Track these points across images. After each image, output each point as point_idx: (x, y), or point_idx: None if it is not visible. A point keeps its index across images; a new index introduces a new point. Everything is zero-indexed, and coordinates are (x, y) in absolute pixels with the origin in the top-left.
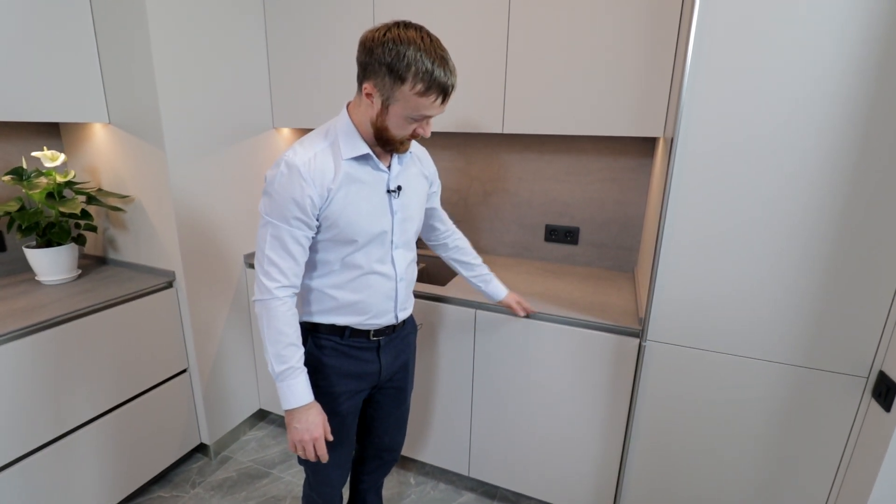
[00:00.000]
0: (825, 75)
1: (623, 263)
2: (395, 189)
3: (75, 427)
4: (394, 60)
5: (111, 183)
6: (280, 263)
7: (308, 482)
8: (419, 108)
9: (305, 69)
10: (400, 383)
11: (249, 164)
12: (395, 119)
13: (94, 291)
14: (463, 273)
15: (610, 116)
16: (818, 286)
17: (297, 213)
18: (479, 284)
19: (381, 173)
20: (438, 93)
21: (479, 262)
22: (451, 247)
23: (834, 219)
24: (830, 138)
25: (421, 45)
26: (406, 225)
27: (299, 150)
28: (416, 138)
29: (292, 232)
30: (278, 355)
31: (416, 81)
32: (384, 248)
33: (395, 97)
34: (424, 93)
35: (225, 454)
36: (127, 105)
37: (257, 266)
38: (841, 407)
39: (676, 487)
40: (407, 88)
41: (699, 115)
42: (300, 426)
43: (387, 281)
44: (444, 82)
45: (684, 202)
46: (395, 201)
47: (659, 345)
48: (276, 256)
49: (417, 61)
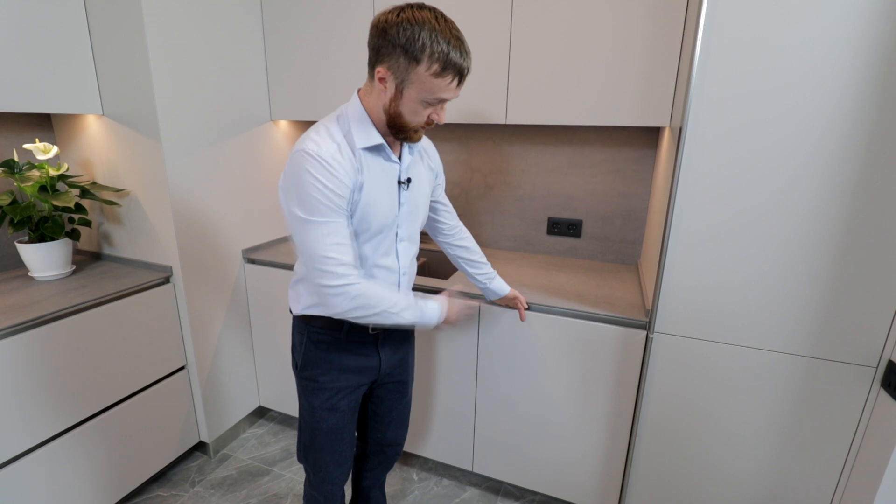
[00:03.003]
0: (842, 54)
1: (626, 256)
2: (406, 181)
3: (71, 426)
4: (408, 41)
5: (106, 176)
6: (342, 258)
7: (309, 480)
8: (435, 91)
9: (303, 60)
10: (400, 377)
11: (247, 156)
12: (409, 103)
13: (88, 287)
14: (467, 269)
15: (615, 106)
16: (827, 275)
17: (340, 203)
18: (484, 282)
19: (393, 164)
20: (454, 74)
21: (483, 260)
22: (455, 244)
23: (843, 208)
24: (842, 125)
25: (436, 25)
26: (412, 218)
27: (322, 143)
28: (430, 126)
29: (341, 223)
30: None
31: (432, 62)
32: (390, 241)
33: (409, 80)
34: (440, 73)
35: (225, 452)
36: (121, 96)
37: (316, 273)
38: (850, 397)
39: (683, 480)
40: (422, 69)
41: (708, 103)
42: (454, 315)
43: (390, 274)
44: (460, 63)
45: (693, 192)
46: (404, 193)
47: (666, 336)
48: (337, 252)
49: (433, 41)
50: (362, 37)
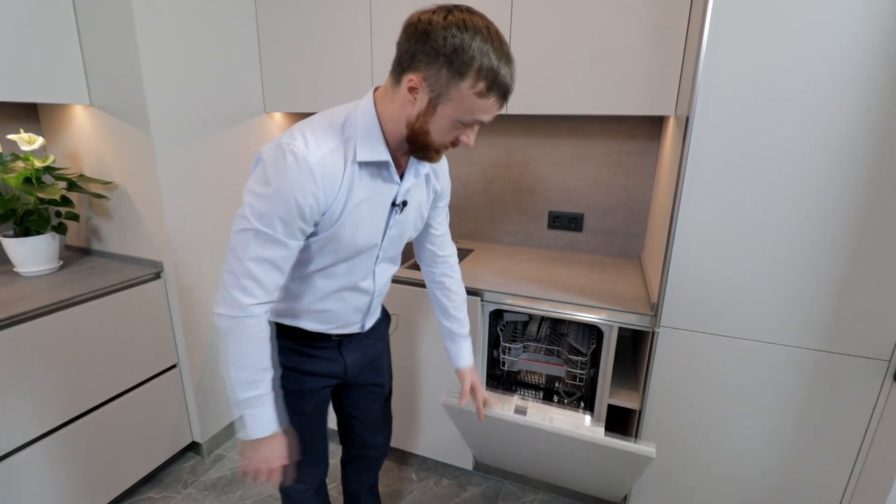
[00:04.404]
0: (855, 37)
1: (629, 250)
2: (401, 203)
3: (58, 426)
4: (455, 51)
5: (94, 169)
6: (263, 278)
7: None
8: (474, 111)
9: (299, 50)
10: (374, 380)
11: (240, 149)
12: (441, 121)
13: (76, 283)
14: (438, 315)
15: (619, 96)
16: (838, 266)
17: (297, 219)
18: (448, 340)
19: (393, 185)
20: (500, 95)
21: (459, 315)
22: (437, 278)
23: (857, 195)
24: (860, 104)
25: (488, 35)
26: (396, 241)
27: (311, 143)
28: (455, 146)
29: (286, 242)
30: (248, 381)
31: (479, 79)
32: (368, 263)
33: (448, 95)
34: (485, 93)
35: (219, 452)
36: (109, 86)
37: (229, 276)
38: (862, 391)
39: (691, 478)
40: (466, 86)
41: (715, 90)
42: (257, 456)
43: (362, 296)
44: (508, 84)
45: (700, 182)
46: (396, 216)
47: (673, 331)
48: (260, 270)
49: (483, 55)
50: (366, 25)
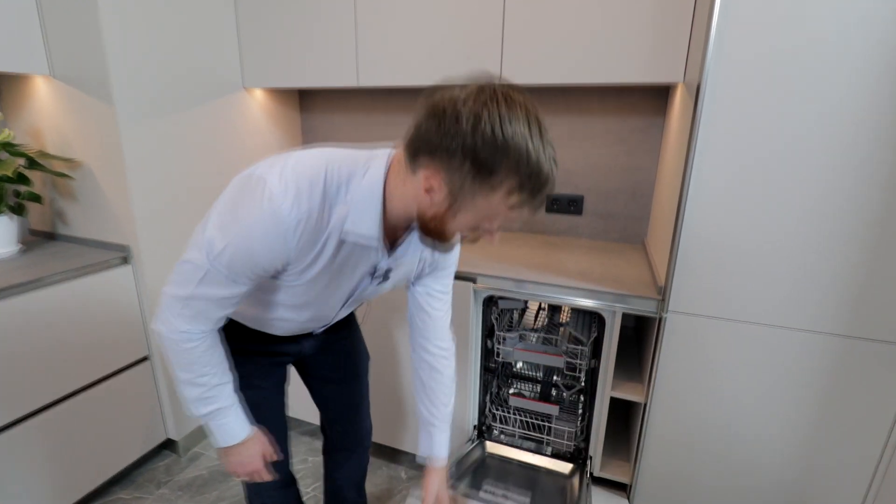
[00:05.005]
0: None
1: (631, 235)
2: (382, 274)
3: (16, 420)
4: (489, 156)
5: (57, 146)
6: (210, 314)
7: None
8: (502, 219)
9: (285, 19)
10: (344, 374)
11: (216, 127)
12: (461, 223)
13: (35, 267)
14: (418, 399)
15: (622, 61)
16: (861, 245)
17: (255, 272)
18: (424, 430)
19: (378, 257)
20: (537, 207)
21: (450, 407)
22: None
23: (884, 167)
24: (886, 66)
25: (529, 133)
26: (364, 298)
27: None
28: (475, 243)
29: (237, 289)
30: (202, 398)
31: (514, 191)
32: (330, 308)
33: (473, 204)
34: (519, 206)
35: (196, 450)
36: (70, 55)
37: (173, 300)
38: (887, 377)
39: (700, 472)
40: (497, 198)
41: (729, 53)
42: (235, 460)
43: (317, 322)
44: (548, 193)
45: (712, 154)
46: (370, 286)
47: (682, 316)
48: (206, 306)
49: (523, 164)
50: None
